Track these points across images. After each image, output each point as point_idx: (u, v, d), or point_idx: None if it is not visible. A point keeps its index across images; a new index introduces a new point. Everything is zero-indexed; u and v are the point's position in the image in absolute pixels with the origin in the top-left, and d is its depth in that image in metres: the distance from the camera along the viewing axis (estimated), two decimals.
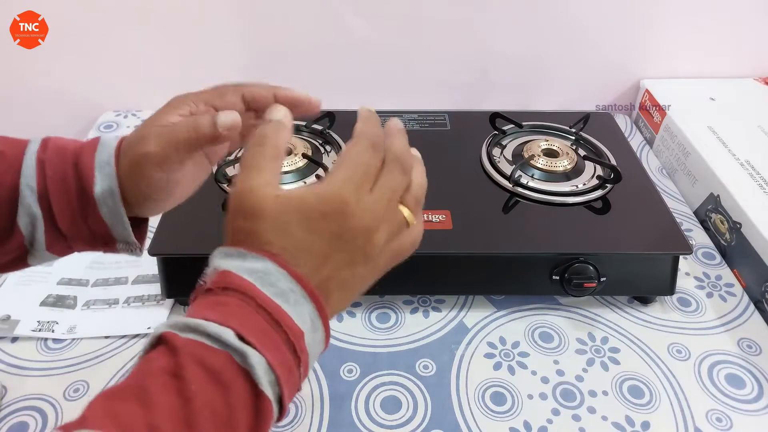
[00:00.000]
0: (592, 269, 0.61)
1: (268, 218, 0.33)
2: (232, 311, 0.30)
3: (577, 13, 0.89)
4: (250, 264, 0.32)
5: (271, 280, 0.31)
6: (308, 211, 0.33)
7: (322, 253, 0.33)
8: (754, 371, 0.59)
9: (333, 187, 0.33)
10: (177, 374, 0.28)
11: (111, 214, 0.40)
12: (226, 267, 0.32)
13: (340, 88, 0.95)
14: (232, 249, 0.33)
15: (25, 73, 0.92)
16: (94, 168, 0.40)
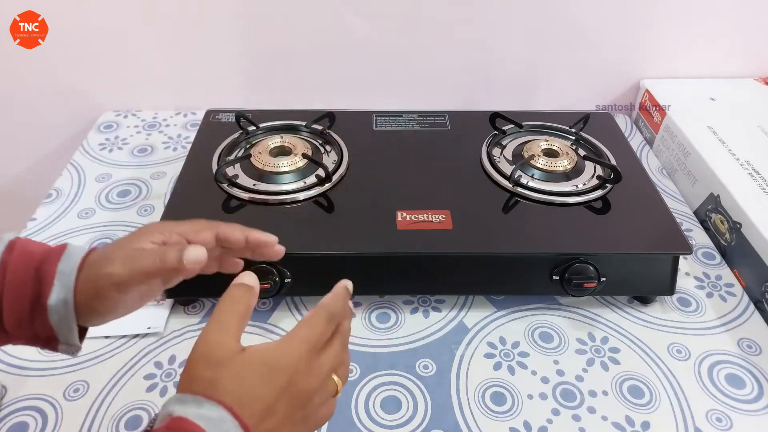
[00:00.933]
0: (592, 269, 0.61)
1: (230, 368, 0.35)
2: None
3: (577, 13, 0.89)
4: (206, 412, 0.33)
5: (224, 429, 0.33)
6: (265, 363, 0.36)
7: (269, 405, 0.35)
8: (754, 371, 0.59)
9: (291, 346, 0.37)
10: None
11: (60, 321, 0.41)
12: (180, 413, 0.33)
13: (340, 88, 0.96)
14: (188, 395, 0.34)
15: (25, 73, 0.92)
16: (54, 277, 0.40)
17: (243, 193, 0.67)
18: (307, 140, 0.77)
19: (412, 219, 0.64)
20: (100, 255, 0.42)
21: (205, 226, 0.45)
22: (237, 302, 0.38)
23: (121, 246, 0.42)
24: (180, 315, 0.64)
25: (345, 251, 0.61)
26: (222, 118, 0.83)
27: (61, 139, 0.99)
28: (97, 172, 0.84)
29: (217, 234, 0.45)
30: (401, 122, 0.83)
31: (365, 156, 0.75)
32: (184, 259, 0.40)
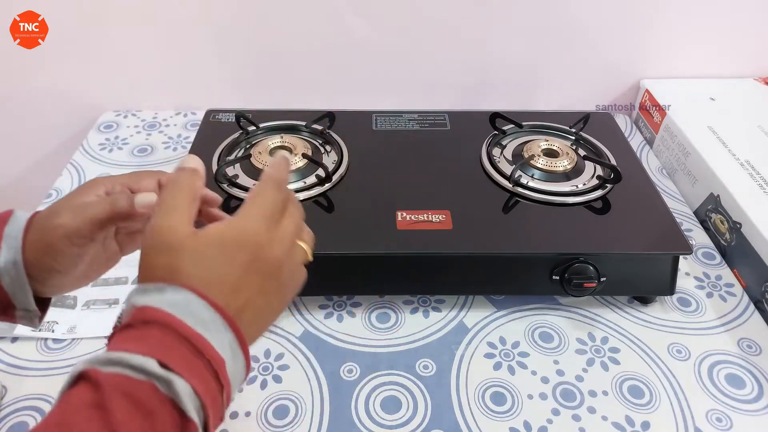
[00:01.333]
0: (592, 269, 0.61)
1: (187, 252, 0.34)
2: (154, 343, 0.31)
3: (577, 13, 0.89)
4: (169, 297, 0.32)
5: (192, 310, 0.32)
6: (225, 242, 0.35)
7: (237, 283, 0.34)
8: (754, 371, 0.59)
9: (247, 220, 0.36)
10: (101, 406, 0.28)
11: (12, 283, 0.40)
12: (144, 303, 0.32)
13: (340, 88, 0.96)
14: (149, 285, 0.33)
15: (25, 73, 0.92)
16: (1, 240, 0.40)
17: (243, 193, 0.67)
18: (307, 140, 0.77)
19: (412, 219, 0.64)
20: (46, 212, 0.41)
21: (148, 174, 0.44)
22: (182, 186, 0.37)
23: (68, 200, 0.42)
24: None
25: (345, 251, 0.61)
26: (222, 118, 0.83)
27: (61, 139, 0.99)
28: (97, 172, 0.84)
29: (159, 180, 0.44)
30: (401, 122, 0.83)
31: (365, 156, 0.75)
32: (135, 202, 0.40)
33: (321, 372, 0.58)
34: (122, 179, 0.43)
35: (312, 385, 0.57)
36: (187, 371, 0.30)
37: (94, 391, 0.28)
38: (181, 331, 0.31)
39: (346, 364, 0.59)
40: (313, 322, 0.64)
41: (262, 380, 0.57)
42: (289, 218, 0.38)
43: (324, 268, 0.62)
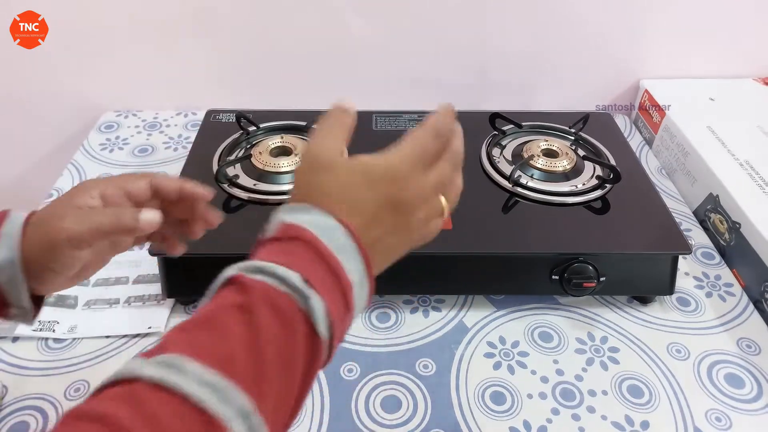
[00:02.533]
0: (592, 269, 0.61)
1: (338, 172, 0.36)
2: (298, 258, 0.33)
3: (577, 13, 0.89)
4: (315, 218, 0.34)
5: (332, 235, 0.34)
6: (371, 173, 0.36)
7: (373, 215, 0.36)
8: (753, 371, 0.59)
9: (395, 158, 0.37)
10: (247, 310, 0.30)
11: (9, 281, 0.41)
12: (291, 220, 0.35)
13: (339, 88, 0.96)
14: (297, 204, 0.35)
15: (25, 73, 0.92)
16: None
17: (243, 193, 0.67)
18: (307, 140, 0.77)
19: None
20: (46, 213, 0.42)
21: (140, 176, 0.45)
22: (338, 116, 0.39)
23: (65, 203, 0.43)
24: (181, 315, 0.64)
25: None
26: (222, 119, 0.83)
27: (62, 139, 0.99)
28: (97, 172, 0.84)
29: (151, 182, 0.45)
30: (401, 122, 0.83)
31: None
32: (140, 219, 0.41)
33: (321, 371, 0.58)
34: (115, 181, 0.44)
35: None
36: (323, 289, 0.32)
37: (243, 294, 0.31)
38: (321, 251, 0.33)
39: (346, 364, 0.59)
40: None
41: None
42: (438, 169, 0.38)
43: None
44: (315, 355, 0.32)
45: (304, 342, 0.31)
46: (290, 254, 0.33)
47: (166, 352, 0.28)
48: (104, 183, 0.44)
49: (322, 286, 0.32)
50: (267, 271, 0.32)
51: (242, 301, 0.30)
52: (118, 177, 0.45)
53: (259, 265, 0.32)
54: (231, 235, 0.62)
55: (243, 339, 0.29)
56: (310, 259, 0.33)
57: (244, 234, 0.63)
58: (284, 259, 0.32)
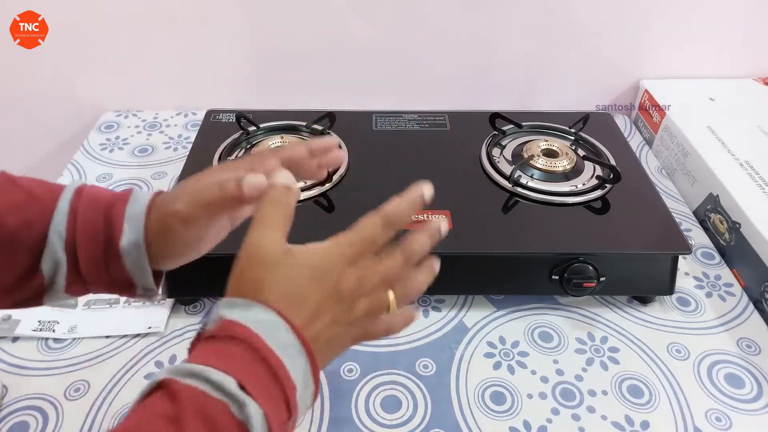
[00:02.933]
0: (592, 269, 0.61)
1: (280, 268, 0.35)
2: (235, 361, 0.31)
3: (577, 13, 0.89)
4: (255, 314, 0.33)
5: (274, 332, 0.33)
6: (313, 265, 0.36)
7: (315, 308, 0.35)
8: (753, 371, 0.59)
9: (335, 247, 0.37)
10: (176, 420, 0.28)
11: (134, 264, 0.41)
12: (231, 317, 0.33)
13: (340, 88, 0.96)
14: (237, 299, 0.34)
15: (25, 73, 0.92)
16: (123, 220, 0.40)
17: None
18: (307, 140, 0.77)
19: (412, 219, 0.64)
20: (167, 196, 0.42)
21: (268, 153, 0.44)
22: (278, 202, 0.37)
23: (186, 184, 0.42)
24: (181, 315, 0.64)
25: None
26: (222, 119, 0.83)
27: (62, 139, 0.99)
28: (97, 172, 0.84)
29: (282, 157, 0.43)
30: (401, 122, 0.83)
31: (365, 156, 0.75)
32: (244, 185, 0.39)
33: (321, 372, 0.58)
34: (245, 164, 0.43)
35: None
36: (261, 395, 0.30)
37: (172, 402, 0.29)
38: (262, 350, 0.32)
39: (346, 364, 0.59)
40: None
41: None
42: (387, 262, 0.38)
43: None
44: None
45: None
46: (227, 356, 0.31)
47: None
48: (234, 165, 0.43)
49: (260, 391, 0.30)
50: (200, 375, 0.30)
51: (171, 411, 0.29)
52: (248, 158, 0.44)
53: (192, 368, 0.30)
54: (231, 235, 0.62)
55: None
56: (250, 359, 0.31)
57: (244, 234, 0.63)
58: (220, 362, 0.31)
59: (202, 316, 0.64)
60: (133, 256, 0.40)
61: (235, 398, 0.30)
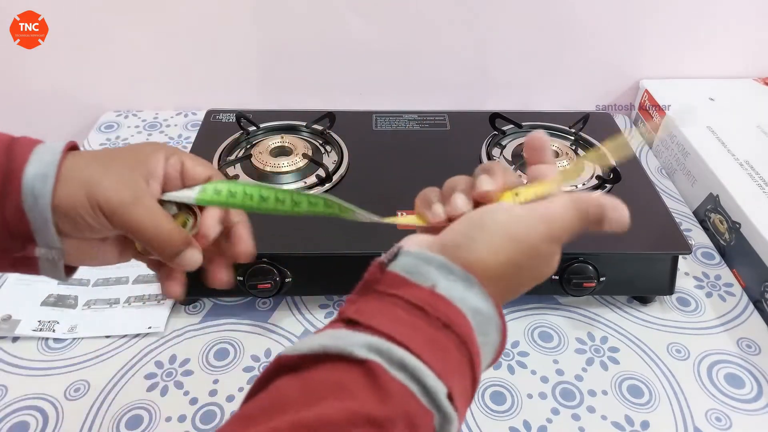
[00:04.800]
0: (592, 269, 0.61)
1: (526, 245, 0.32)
2: (449, 360, 0.26)
3: (577, 13, 0.89)
4: (474, 300, 0.28)
5: (487, 330, 0.28)
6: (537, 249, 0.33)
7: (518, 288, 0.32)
8: (753, 371, 0.59)
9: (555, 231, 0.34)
10: (380, 426, 0.23)
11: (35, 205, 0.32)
12: (448, 294, 0.27)
13: (340, 88, 0.96)
14: (457, 267, 0.28)
15: (25, 73, 0.92)
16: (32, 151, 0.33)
17: None
18: (308, 140, 0.77)
19: None
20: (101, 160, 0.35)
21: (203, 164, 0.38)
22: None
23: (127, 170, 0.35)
24: (181, 314, 0.64)
25: (345, 251, 0.61)
26: (222, 119, 0.83)
27: (62, 139, 0.98)
28: None
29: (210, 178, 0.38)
30: (401, 122, 0.83)
31: (365, 156, 0.75)
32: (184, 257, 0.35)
33: None
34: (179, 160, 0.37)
35: None
36: (462, 406, 0.26)
37: (381, 403, 0.23)
38: (473, 355, 0.27)
39: None
40: (313, 322, 0.64)
41: None
42: None
43: (324, 268, 0.62)
44: None
45: None
46: (443, 353, 0.26)
47: None
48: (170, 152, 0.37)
49: (462, 402, 0.26)
50: (415, 374, 0.24)
51: (377, 413, 0.23)
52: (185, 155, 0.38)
53: (406, 360, 0.24)
54: None
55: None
56: (459, 362, 0.26)
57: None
58: (437, 360, 0.25)
59: (201, 317, 0.64)
60: (36, 193, 0.32)
61: (444, 412, 0.25)
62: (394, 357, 0.24)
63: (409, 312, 0.26)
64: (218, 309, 0.65)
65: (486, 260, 0.29)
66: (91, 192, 0.33)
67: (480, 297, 0.28)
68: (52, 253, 0.35)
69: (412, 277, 0.28)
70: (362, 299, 0.28)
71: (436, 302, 0.27)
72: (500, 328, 0.28)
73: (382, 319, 0.26)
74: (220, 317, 0.64)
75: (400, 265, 0.28)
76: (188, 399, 0.56)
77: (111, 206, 0.33)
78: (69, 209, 0.33)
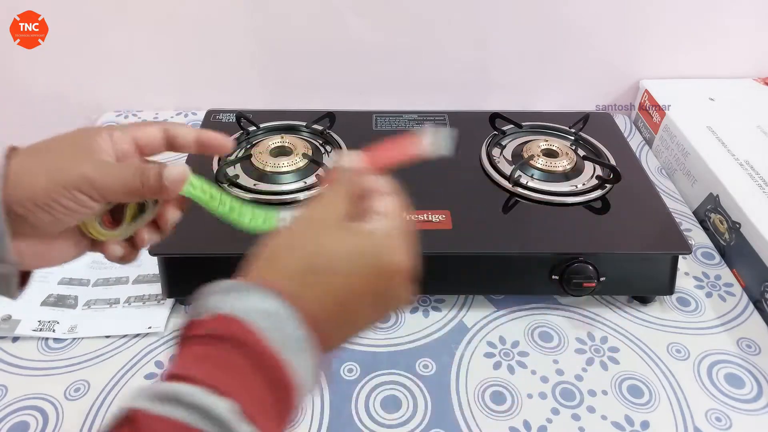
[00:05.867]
0: (592, 269, 0.61)
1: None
2: (231, 375, 0.25)
3: (577, 13, 0.89)
4: (259, 303, 0.28)
5: (280, 326, 0.27)
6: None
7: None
8: (753, 371, 0.59)
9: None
10: None
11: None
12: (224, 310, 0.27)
13: (340, 88, 0.96)
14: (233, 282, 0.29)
15: (25, 73, 0.92)
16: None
17: (244, 193, 0.67)
18: (308, 140, 0.77)
19: (411, 219, 0.64)
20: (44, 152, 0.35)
21: (151, 123, 0.40)
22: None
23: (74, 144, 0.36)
24: (181, 314, 0.64)
25: None
26: (222, 118, 0.83)
27: None
28: None
29: (165, 131, 0.40)
30: (401, 122, 0.83)
31: None
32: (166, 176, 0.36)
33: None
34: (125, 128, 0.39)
35: None
36: (261, 414, 0.25)
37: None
38: (263, 355, 0.26)
39: (346, 364, 0.59)
40: None
41: None
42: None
43: None
44: None
45: None
46: (222, 366, 0.25)
47: None
48: (111, 128, 0.38)
49: (260, 411, 0.25)
50: (183, 400, 0.24)
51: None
52: (127, 125, 0.39)
53: (171, 390, 0.24)
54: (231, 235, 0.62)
55: None
56: (246, 376, 0.25)
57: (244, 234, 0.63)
58: (211, 376, 0.25)
59: None
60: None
61: (228, 427, 0.24)
62: (161, 394, 0.24)
63: (194, 341, 0.27)
64: None
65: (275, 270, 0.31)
66: (61, 176, 0.33)
67: (262, 298, 0.28)
68: (5, 267, 0.34)
69: (198, 316, 0.28)
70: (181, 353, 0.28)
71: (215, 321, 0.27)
72: (300, 319, 0.28)
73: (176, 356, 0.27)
74: None
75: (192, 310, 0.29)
76: None
77: (89, 178, 0.33)
78: (43, 200, 0.33)
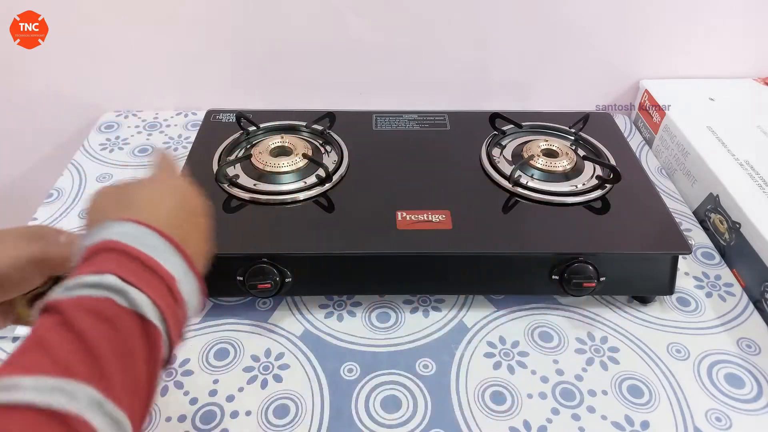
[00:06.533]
0: (592, 269, 0.61)
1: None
2: (106, 262, 0.33)
3: (577, 13, 0.89)
4: (117, 229, 0.35)
5: (140, 239, 0.34)
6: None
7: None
8: (753, 371, 0.59)
9: None
10: (66, 322, 0.30)
11: None
12: (92, 241, 0.34)
13: (340, 88, 0.96)
14: (94, 227, 0.35)
15: (25, 73, 0.92)
16: None
17: (243, 193, 0.67)
18: (308, 140, 0.77)
19: (412, 219, 0.64)
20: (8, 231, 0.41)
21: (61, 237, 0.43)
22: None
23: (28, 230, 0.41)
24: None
25: (345, 251, 0.61)
26: (222, 118, 0.83)
27: (62, 139, 0.99)
28: (97, 172, 0.84)
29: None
30: (401, 122, 0.83)
31: (365, 156, 0.75)
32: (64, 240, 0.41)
33: (321, 371, 0.58)
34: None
35: (312, 384, 0.57)
36: (141, 283, 0.32)
37: (57, 314, 0.30)
38: (131, 253, 0.33)
39: (347, 364, 0.59)
40: (313, 322, 0.64)
41: (263, 380, 0.58)
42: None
43: (324, 268, 0.63)
44: (153, 342, 0.32)
45: (137, 332, 0.31)
46: (99, 263, 0.33)
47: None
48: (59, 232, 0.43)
49: (139, 280, 0.32)
50: (75, 285, 0.31)
51: (59, 320, 0.30)
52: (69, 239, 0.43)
53: (68, 283, 0.31)
54: (231, 235, 0.62)
55: (71, 347, 0.29)
56: (122, 260, 0.33)
57: (245, 234, 0.63)
58: (93, 268, 0.32)
59: (201, 317, 0.64)
60: None
61: (117, 289, 0.31)
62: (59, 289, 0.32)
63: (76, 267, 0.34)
64: (218, 309, 0.65)
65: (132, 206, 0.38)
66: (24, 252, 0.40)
67: (120, 225, 0.35)
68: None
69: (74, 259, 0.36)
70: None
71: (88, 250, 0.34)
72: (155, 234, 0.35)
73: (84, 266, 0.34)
74: (220, 317, 0.64)
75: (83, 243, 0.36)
76: (188, 399, 0.56)
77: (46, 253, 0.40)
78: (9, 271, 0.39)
